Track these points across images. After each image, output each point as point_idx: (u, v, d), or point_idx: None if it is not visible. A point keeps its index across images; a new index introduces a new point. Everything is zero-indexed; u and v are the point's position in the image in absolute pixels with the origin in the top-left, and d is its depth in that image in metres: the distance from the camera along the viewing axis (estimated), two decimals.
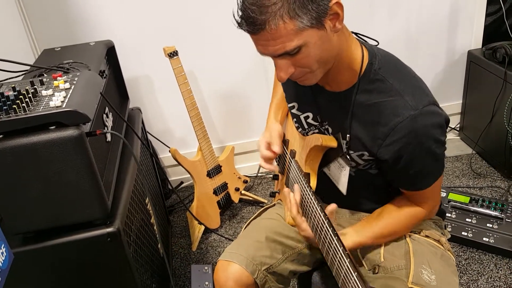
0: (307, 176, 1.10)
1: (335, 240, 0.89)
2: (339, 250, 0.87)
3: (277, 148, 1.19)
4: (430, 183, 1.02)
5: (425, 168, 0.99)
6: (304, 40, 0.85)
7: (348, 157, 1.05)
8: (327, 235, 0.93)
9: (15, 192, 0.95)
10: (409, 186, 1.05)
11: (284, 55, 0.88)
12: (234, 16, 0.88)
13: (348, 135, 1.03)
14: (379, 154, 0.98)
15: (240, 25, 0.87)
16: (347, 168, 1.06)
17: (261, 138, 1.25)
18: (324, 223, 0.94)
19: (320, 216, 0.96)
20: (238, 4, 0.87)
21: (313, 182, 1.11)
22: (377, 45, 1.05)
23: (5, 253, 0.84)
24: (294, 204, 1.08)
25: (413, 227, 1.11)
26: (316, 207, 0.99)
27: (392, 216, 1.08)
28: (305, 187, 1.06)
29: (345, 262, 0.85)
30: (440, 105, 0.97)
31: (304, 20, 0.83)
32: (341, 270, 0.87)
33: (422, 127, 0.92)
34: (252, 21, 0.84)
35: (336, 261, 0.89)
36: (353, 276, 0.81)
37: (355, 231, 1.07)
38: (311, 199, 1.02)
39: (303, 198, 1.08)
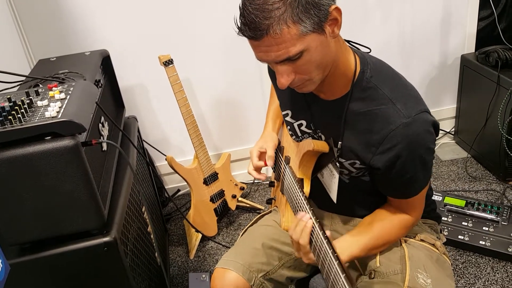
0: (300, 182, 1.11)
1: (325, 244, 0.89)
2: (328, 253, 0.88)
3: (270, 152, 1.20)
4: (418, 191, 1.03)
5: (414, 176, 0.99)
6: (306, 45, 0.85)
7: (338, 164, 1.05)
8: (318, 239, 0.93)
9: (11, 203, 0.94)
10: (398, 195, 1.05)
11: (285, 61, 0.87)
12: (235, 22, 0.87)
13: (340, 143, 1.03)
14: (372, 162, 0.98)
15: (242, 31, 0.86)
16: (337, 176, 1.06)
17: (254, 147, 1.26)
18: (315, 228, 0.95)
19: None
20: (240, 10, 0.86)
21: (307, 188, 1.11)
22: (369, 52, 1.06)
23: (1, 265, 0.84)
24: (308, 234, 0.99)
25: (402, 235, 1.11)
26: (308, 213, 1.00)
27: (383, 227, 1.08)
28: (298, 193, 1.06)
29: (334, 264, 0.85)
30: (435, 110, 0.98)
31: (307, 24, 0.83)
32: (330, 272, 0.87)
33: (415, 134, 0.93)
34: (255, 26, 0.83)
35: (326, 263, 0.90)
36: (341, 277, 0.82)
37: (348, 244, 1.04)
38: (304, 205, 1.02)
39: (297, 204, 1.08)
